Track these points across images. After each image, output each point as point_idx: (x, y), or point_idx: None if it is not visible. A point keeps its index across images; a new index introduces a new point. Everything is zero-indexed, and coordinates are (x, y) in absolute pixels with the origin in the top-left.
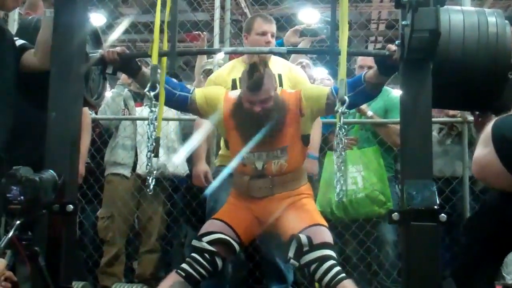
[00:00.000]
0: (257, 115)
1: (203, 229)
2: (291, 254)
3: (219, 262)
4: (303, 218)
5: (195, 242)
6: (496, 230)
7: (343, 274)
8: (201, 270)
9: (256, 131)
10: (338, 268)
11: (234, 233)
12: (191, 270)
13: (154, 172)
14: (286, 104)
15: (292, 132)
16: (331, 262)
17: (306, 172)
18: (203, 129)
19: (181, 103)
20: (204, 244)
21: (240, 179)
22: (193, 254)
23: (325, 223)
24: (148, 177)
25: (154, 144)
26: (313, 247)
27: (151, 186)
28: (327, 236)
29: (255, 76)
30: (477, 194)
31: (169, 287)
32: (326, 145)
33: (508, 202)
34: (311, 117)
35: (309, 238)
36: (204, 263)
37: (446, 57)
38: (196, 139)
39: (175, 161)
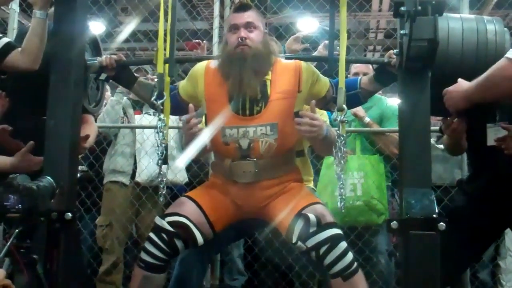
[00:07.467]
0: (241, 51)
1: (171, 208)
2: (295, 237)
3: (179, 244)
4: (298, 198)
5: (157, 220)
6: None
7: (356, 265)
8: (159, 253)
9: (239, 70)
10: (351, 256)
11: (204, 218)
12: (149, 259)
13: (164, 180)
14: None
15: (284, 107)
16: (344, 245)
17: (295, 156)
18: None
19: (174, 102)
20: (164, 223)
21: (220, 162)
22: (151, 234)
23: (322, 202)
24: (161, 185)
25: (164, 152)
26: (321, 227)
27: (162, 195)
28: (330, 215)
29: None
30: None
31: (138, 286)
32: None
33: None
34: (306, 97)
35: (317, 217)
36: (161, 244)
37: (445, 65)
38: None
39: (175, 168)
